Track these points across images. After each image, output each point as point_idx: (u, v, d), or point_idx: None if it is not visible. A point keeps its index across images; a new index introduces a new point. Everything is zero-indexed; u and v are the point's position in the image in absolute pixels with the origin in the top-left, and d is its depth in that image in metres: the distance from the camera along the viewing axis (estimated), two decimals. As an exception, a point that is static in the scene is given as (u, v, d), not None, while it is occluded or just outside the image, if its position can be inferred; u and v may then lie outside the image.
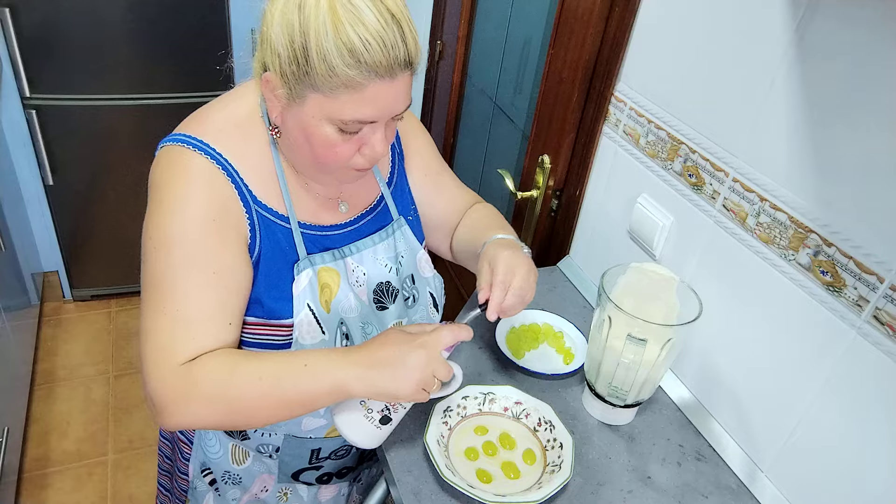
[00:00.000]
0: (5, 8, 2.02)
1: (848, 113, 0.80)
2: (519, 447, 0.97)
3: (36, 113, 2.22)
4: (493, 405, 1.01)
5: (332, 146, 0.78)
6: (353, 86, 0.73)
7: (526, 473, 0.93)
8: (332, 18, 0.70)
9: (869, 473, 0.82)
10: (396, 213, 1.00)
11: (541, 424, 0.99)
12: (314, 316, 0.88)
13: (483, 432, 0.98)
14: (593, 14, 1.21)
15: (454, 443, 0.96)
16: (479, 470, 0.92)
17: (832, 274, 0.84)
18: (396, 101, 0.77)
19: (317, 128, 0.77)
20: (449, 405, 0.99)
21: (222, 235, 0.81)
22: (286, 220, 0.88)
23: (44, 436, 2.14)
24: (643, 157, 1.17)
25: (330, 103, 0.75)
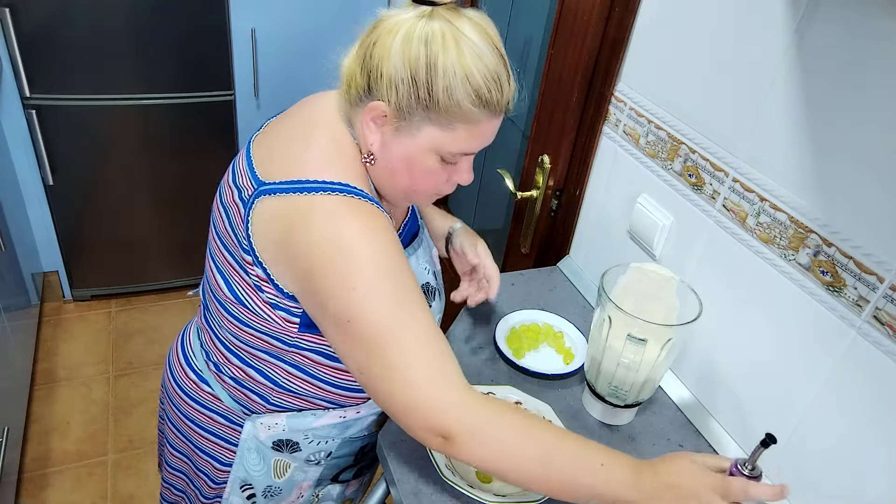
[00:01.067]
0: (5, 8, 2.02)
1: (848, 113, 0.80)
2: None
3: (36, 113, 2.22)
4: None
5: (431, 175, 0.82)
6: (472, 121, 0.77)
7: None
8: (458, 57, 0.74)
9: (869, 473, 0.82)
10: (419, 218, 1.05)
11: None
12: None
13: None
14: (593, 14, 1.21)
15: None
16: (478, 471, 0.92)
17: (832, 274, 0.84)
18: (493, 136, 0.83)
19: (423, 158, 0.80)
20: None
21: (405, 259, 0.81)
22: None
23: (44, 436, 2.14)
24: (643, 157, 1.17)
25: (444, 136, 0.78)
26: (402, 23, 0.75)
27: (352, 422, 1.01)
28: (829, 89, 0.82)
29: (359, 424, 1.03)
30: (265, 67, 2.40)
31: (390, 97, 0.76)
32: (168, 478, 1.18)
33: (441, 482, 0.92)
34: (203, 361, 1.02)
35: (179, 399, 1.06)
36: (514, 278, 1.38)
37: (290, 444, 1.00)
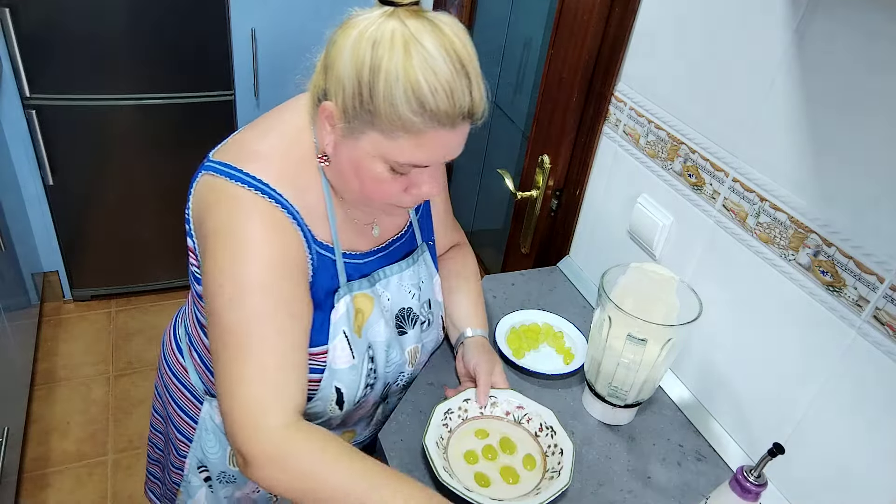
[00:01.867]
0: (5, 8, 2.02)
1: (848, 112, 0.80)
2: (519, 452, 0.97)
3: (36, 113, 2.22)
4: (494, 409, 1.01)
5: (380, 183, 0.79)
6: (414, 131, 0.73)
7: (525, 479, 0.93)
8: (404, 63, 0.70)
9: (869, 473, 0.82)
10: (420, 239, 1.02)
11: (542, 430, 0.99)
12: (347, 341, 0.89)
13: (484, 436, 0.98)
14: (593, 14, 1.21)
15: (454, 445, 0.96)
16: (477, 473, 0.92)
17: (832, 274, 0.84)
18: (452, 149, 0.78)
19: (369, 164, 0.77)
20: (450, 407, 0.99)
21: (294, 279, 0.81)
22: (332, 251, 0.88)
23: (44, 436, 2.14)
24: (643, 157, 1.17)
25: (387, 144, 0.75)
26: (361, 22, 0.73)
27: None
28: (829, 89, 0.82)
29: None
30: (265, 67, 2.40)
31: (338, 98, 0.75)
32: (151, 437, 1.21)
33: (439, 485, 0.92)
34: (183, 330, 1.05)
35: (162, 361, 1.09)
36: (514, 278, 1.38)
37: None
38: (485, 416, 1.00)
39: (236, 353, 0.77)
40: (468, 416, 1.00)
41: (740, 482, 0.78)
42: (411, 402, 1.04)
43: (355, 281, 0.91)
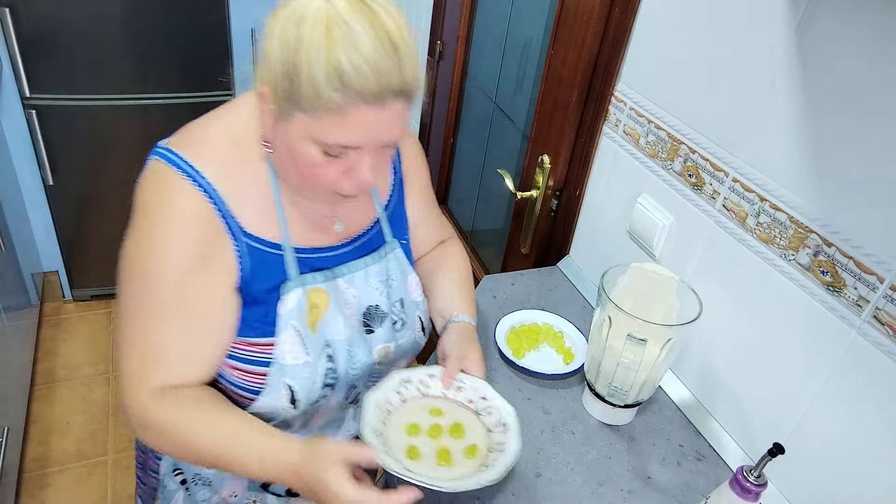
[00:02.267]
0: (5, 8, 2.02)
1: (848, 112, 0.80)
2: (466, 440, 0.89)
3: (36, 113, 2.22)
4: (458, 394, 0.95)
5: (315, 167, 0.76)
6: (336, 109, 0.71)
7: (459, 465, 0.85)
8: (325, 40, 0.69)
9: (869, 473, 0.82)
10: (391, 236, 0.98)
11: (497, 426, 0.91)
12: (299, 337, 0.87)
13: (437, 414, 0.92)
14: (593, 14, 1.21)
15: (401, 413, 0.91)
16: (411, 446, 0.86)
17: (832, 274, 0.84)
18: (384, 130, 0.75)
19: (301, 147, 0.75)
20: (410, 377, 0.94)
21: (206, 274, 0.81)
22: (278, 246, 0.86)
23: (44, 436, 2.14)
24: (643, 157, 1.17)
25: (314, 124, 0.73)
26: (291, 3, 0.72)
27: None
28: (829, 89, 0.82)
29: None
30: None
31: (270, 80, 0.73)
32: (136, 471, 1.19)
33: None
34: None
35: None
36: (514, 278, 1.38)
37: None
38: (447, 399, 0.95)
39: (128, 326, 0.81)
40: (429, 393, 0.94)
41: (740, 482, 0.78)
42: (411, 402, 1.04)
43: (309, 275, 0.88)
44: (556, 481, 0.95)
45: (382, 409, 0.89)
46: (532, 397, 1.09)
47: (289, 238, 0.87)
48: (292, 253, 0.87)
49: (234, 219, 0.82)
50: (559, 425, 1.04)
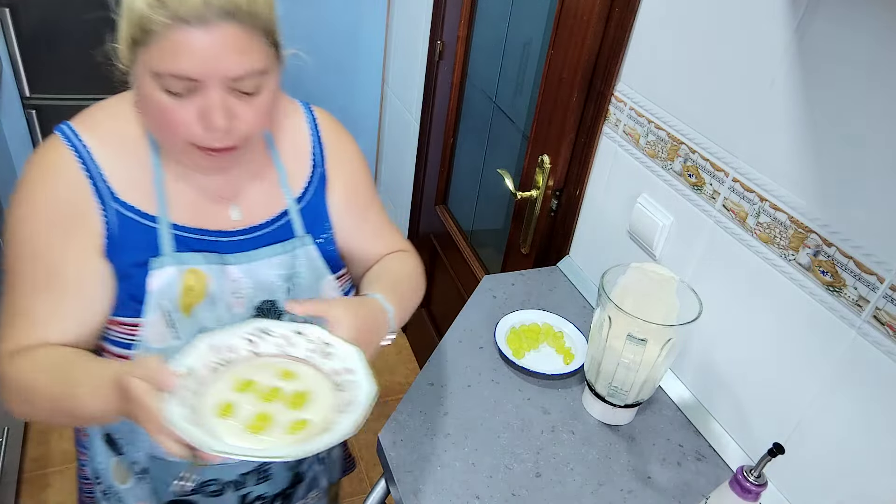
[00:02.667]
0: (5, 8, 2.02)
1: (848, 113, 0.80)
2: (303, 413, 0.74)
3: (36, 113, 2.22)
4: (325, 361, 0.80)
5: (164, 112, 0.73)
6: (162, 34, 0.68)
7: (269, 439, 0.70)
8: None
9: (869, 473, 0.82)
10: (303, 230, 0.92)
11: (349, 406, 0.74)
12: (169, 319, 0.82)
13: (288, 377, 0.78)
14: (593, 14, 1.21)
15: (243, 366, 0.78)
16: (227, 403, 0.73)
17: (832, 274, 0.84)
18: (219, 57, 0.69)
19: (148, 91, 0.72)
20: (272, 329, 0.81)
21: (68, 235, 0.79)
22: (153, 219, 0.82)
23: (44, 436, 2.14)
24: (643, 157, 1.17)
25: (149, 57, 0.70)
26: None
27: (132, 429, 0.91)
28: (829, 88, 0.82)
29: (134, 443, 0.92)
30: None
31: (120, 37, 0.73)
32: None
33: (440, 481, 0.92)
34: None
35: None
36: (514, 278, 1.38)
37: (113, 443, 0.96)
38: (309, 364, 0.80)
39: (5, 284, 0.80)
40: (290, 353, 0.81)
41: (740, 482, 0.78)
42: (411, 402, 1.04)
43: (188, 254, 0.83)
44: (556, 481, 0.95)
45: (218, 354, 0.77)
46: (532, 397, 1.09)
47: (167, 212, 0.83)
48: (168, 227, 0.83)
49: (105, 182, 0.80)
50: (559, 425, 1.04)
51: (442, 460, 0.96)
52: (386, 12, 2.40)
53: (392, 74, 2.49)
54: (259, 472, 0.99)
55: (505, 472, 0.95)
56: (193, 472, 0.71)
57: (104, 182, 0.80)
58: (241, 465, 0.96)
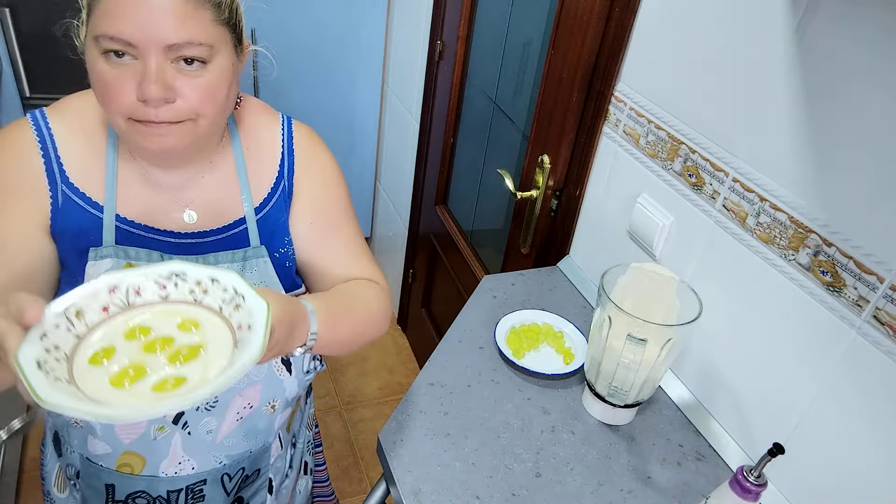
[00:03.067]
0: (5, 8, 2.02)
1: (848, 112, 0.80)
2: (184, 369, 0.63)
3: (36, 113, 2.23)
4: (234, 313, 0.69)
5: (104, 83, 0.71)
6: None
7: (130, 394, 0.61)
8: None
9: (869, 473, 0.82)
10: (258, 241, 0.88)
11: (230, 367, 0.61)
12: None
13: (186, 329, 0.68)
14: (593, 14, 1.21)
15: (144, 311, 0.69)
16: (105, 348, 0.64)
17: (832, 274, 0.84)
18: (156, 20, 0.67)
19: (91, 59, 0.72)
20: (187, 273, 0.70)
21: (11, 208, 0.77)
22: (99, 207, 0.81)
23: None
24: (643, 157, 1.17)
25: (91, 22, 0.70)
26: None
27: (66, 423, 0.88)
28: (829, 88, 0.82)
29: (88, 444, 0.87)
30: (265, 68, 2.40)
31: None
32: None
33: (440, 481, 0.92)
34: None
35: None
36: (514, 278, 1.38)
37: (58, 442, 0.93)
38: (219, 315, 0.69)
39: None
40: (202, 301, 0.70)
41: (740, 482, 0.78)
42: (411, 402, 1.05)
43: (131, 248, 0.81)
44: (556, 481, 0.95)
45: (121, 295, 0.68)
46: (532, 397, 1.09)
47: (114, 203, 0.82)
48: (112, 218, 0.81)
49: (59, 164, 0.80)
50: (559, 425, 1.04)
51: (442, 460, 0.96)
52: (386, 12, 2.40)
53: (392, 74, 2.49)
54: (191, 491, 0.93)
55: (505, 472, 0.95)
56: (24, 421, 0.62)
57: (59, 163, 0.80)
58: (169, 482, 0.91)
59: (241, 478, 0.97)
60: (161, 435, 0.87)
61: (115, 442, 0.87)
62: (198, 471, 0.91)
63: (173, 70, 0.71)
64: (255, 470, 0.98)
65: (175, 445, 0.89)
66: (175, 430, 0.88)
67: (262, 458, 0.98)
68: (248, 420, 0.90)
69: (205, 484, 0.93)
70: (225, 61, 0.75)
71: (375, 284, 0.94)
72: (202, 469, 0.92)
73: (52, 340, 0.61)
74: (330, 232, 0.94)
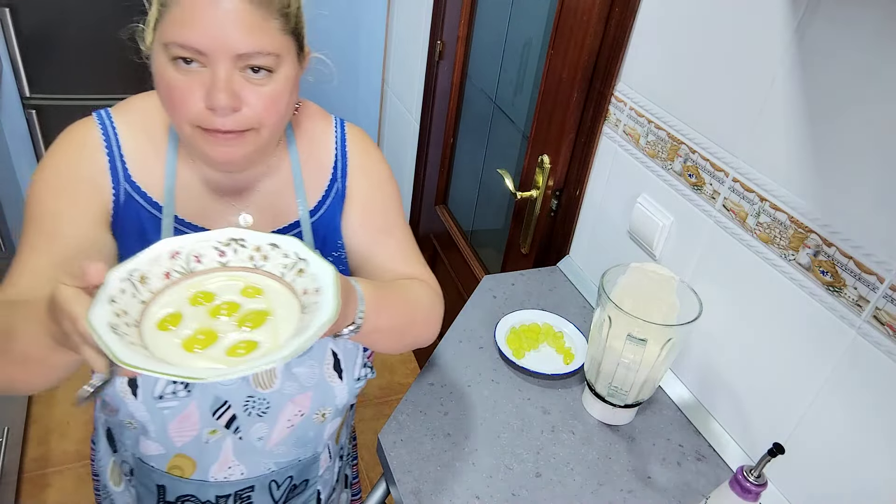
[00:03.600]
0: (5, 8, 2.02)
1: (848, 112, 0.80)
2: (254, 335, 0.64)
3: (36, 113, 2.22)
4: (297, 277, 0.69)
5: (172, 89, 0.72)
6: (174, 3, 0.69)
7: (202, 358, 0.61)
8: None
9: (869, 473, 0.82)
10: (312, 244, 0.90)
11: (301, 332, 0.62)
12: None
13: (250, 295, 0.69)
14: (593, 14, 1.21)
15: (205, 277, 0.69)
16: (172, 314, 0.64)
17: (832, 274, 0.84)
18: (226, 30, 0.68)
19: (160, 68, 0.73)
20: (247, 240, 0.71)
21: (75, 202, 0.79)
22: (158, 207, 0.83)
23: (44, 436, 2.14)
24: (643, 157, 1.17)
25: (161, 27, 0.71)
26: None
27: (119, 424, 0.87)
28: (829, 88, 0.82)
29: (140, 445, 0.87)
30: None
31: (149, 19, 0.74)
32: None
33: (440, 481, 0.92)
34: None
35: None
36: (514, 278, 1.38)
37: (112, 439, 0.94)
38: (280, 280, 0.70)
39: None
40: (262, 266, 0.71)
41: (740, 482, 0.78)
42: (411, 402, 1.05)
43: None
44: (556, 481, 0.95)
45: (181, 262, 0.69)
46: (532, 397, 1.09)
47: (173, 204, 0.83)
48: (171, 219, 0.83)
49: (122, 162, 0.82)
50: (559, 425, 1.04)
51: (442, 460, 0.96)
52: (386, 12, 2.40)
53: (392, 74, 2.49)
54: (239, 497, 0.93)
55: (505, 472, 0.95)
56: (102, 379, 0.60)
57: (122, 161, 0.82)
58: (218, 487, 0.92)
59: (288, 486, 0.97)
60: (213, 438, 0.88)
61: (168, 443, 0.87)
62: (246, 476, 0.92)
63: (240, 79, 0.72)
64: (304, 480, 0.98)
65: (226, 450, 0.89)
66: (227, 435, 0.88)
67: (310, 469, 0.98)
68: (298, 428, 0.90)
69: (252, 490, 0.94)
70: (289, 70, 0.76)
71: (425, 283, 0.94)
72: (251, 475, 0.92)
73: (120, 305, 0.61)
74: (381, 234, 0.95)
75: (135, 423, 0.85)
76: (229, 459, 0.90)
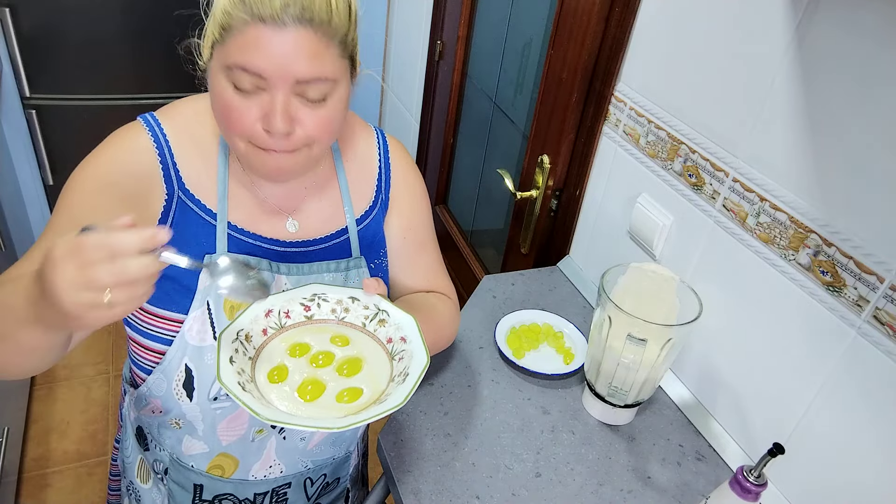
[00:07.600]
0: (5, 8, 2.02)
1: (848, 112, 0.80)
2: (355, 381, 0.75)
3: (36, 113, 2.22)
4: (379, 327, 0.81)
5: (229, 109, 0.73)
6: (239, 28, 0.69)
7: (321, 406, 0.71)
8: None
9: (869, 473, 0.82)
10: (359, 252, 0.92)
11: (400, 376, 0.75)
12: (211, 317, 0.82)
13: (340, 343, 0.79)
14: (593, 14, 1.21)
15: (296, 331, 0.80)
16: (279, 366, 0.74)
17: (832, 274, 0.84)
18: (288, 57, 0.70)
19: (219, 87, 0.73)
20: (328, 295, 0.82)
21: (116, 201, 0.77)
22: (213, 215, 0.83)
23: (44, 436, 2.14)
24: (643, 157, 1.17)
25: (223, 51, 0.71)
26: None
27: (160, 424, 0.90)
28: (829, 89, 0.82)
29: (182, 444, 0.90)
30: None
31: (207, 33, 0.75)
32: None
33: (440, 481, 0.92)
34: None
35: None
36: (514, 278, 1.38)
37: (143, 437, 0.95)
38: (362, 330, 0.81)
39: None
40: (344, 318, 0.82)
41: (740, 482, 0.78)
42: (412, 402, 1.04)
43: (241, 256, 0.83)
44: (556, 481, 0.95)
45: (273, 319, 0.78)
46: (532, 397, 1.09)
47: (226, 211, 0.84)
48: (225, 226, 0.84)
49: (176, 170, 0.82)
50: (559, 425, 1.05)
51: (442, 460, 0.96)
52: (386, 12, 2.40)
53: (392, 74, 2.49)
54: (276, 494, 0.98)
55: (505, 472, 0.95)
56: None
57: (175, 170, 0.82)
58: (256, 485, 0.95)
59: (322, 484, 1.01)
60: (259, 437, 0.91)
61: (214, 442, 0.90)
62: (285, 474, 0.96)
63: (297, 102, 0.73)
64: (336, 478, 1.03)
65: (269, 449, 0.92)
66: (272, 434, 0.91)
67: (343, 467, 1.03)
68: None
69: (289, 487, 0.98)
70: (344, 92, 0.77)
71: (448, 299, 1.02)
72: (289, 472, 0.96)
73: (239, 364, 0.70)
74: (418, 248, 1.00)
75: (182, 423, 0.88)
76: (271, 458, 0.93)
